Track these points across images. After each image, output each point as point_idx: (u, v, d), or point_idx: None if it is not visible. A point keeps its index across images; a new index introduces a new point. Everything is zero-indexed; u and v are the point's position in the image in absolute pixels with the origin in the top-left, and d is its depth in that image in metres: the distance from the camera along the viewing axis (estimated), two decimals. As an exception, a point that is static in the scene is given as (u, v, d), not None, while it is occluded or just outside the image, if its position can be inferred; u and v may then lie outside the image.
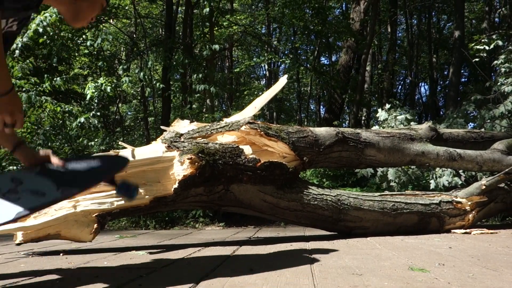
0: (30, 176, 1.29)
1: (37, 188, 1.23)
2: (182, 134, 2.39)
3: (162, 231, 3.73)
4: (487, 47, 5.16)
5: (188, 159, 2.06)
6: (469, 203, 2.80)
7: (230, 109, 8.86)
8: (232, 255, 1.77)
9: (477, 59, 5.23)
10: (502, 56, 5.03)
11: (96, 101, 5.32)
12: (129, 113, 11.27)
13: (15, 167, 5.14)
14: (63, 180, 1.27)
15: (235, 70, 11.15)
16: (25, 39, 4.95)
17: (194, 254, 1.85)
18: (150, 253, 1.98)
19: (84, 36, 5.94)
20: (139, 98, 10.35)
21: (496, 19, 12.95)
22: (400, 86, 18.08)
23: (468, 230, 2.70)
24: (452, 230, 2.73)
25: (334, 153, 2.61)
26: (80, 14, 1.45)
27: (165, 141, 2.27)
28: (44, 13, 5.00)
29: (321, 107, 15.94)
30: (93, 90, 4.91)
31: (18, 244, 2.00)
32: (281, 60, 10.72)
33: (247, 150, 2.25)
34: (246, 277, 1.23)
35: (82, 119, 4.93)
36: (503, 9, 11.24)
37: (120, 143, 3.59)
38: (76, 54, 6.57)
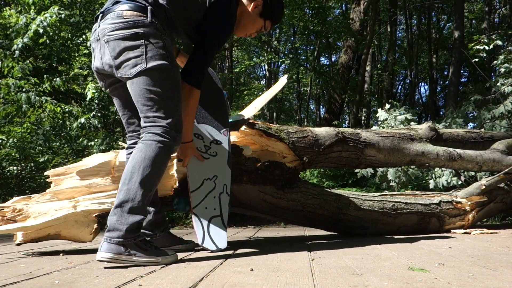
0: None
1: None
2: (182, 134, 2.38)
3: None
4: (486, 47, 5.16)
5: (188, 159, 2.05)
6: (469, 203, 2.80)
7: (230, 109, 8.86)
8: (232, 255, 1.78)
9: (476, 59, 5.23)
10: (502, 56, 5.04)
11: (96, 101, 5.32)
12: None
13: (15, 167, 5.14)
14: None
15: (235, 70, 11.15)
16: (25, 40, 4.94)
17: (194, 254, 1.85)
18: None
19: (84, 36, 5.94)
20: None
21: (496, 19, 12.96)
22: (400, 86, 18.11)
23: (468, 230, 2.70)
24: (452, 230, 2.74)
25: (334, 153, 2.61)
26: (241, 24, 1.84)
27: (165, 141, 2.26)
28: (44, 14, 5.00)
29: (321, 107, 15.97)
30: (94, 91, 4.90)
31: (18, 244, 2.00)
32: (281, 60, 10.73)
33: (247, 150, 2.25)
34: (246, 277, 1.23)
35: (83, 120, 4.93)
36: (503, 9, 11.26)
37: (120, 143, 3.59)
38: (76, 54, 6.56)
